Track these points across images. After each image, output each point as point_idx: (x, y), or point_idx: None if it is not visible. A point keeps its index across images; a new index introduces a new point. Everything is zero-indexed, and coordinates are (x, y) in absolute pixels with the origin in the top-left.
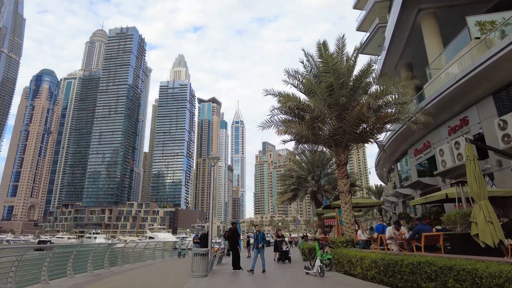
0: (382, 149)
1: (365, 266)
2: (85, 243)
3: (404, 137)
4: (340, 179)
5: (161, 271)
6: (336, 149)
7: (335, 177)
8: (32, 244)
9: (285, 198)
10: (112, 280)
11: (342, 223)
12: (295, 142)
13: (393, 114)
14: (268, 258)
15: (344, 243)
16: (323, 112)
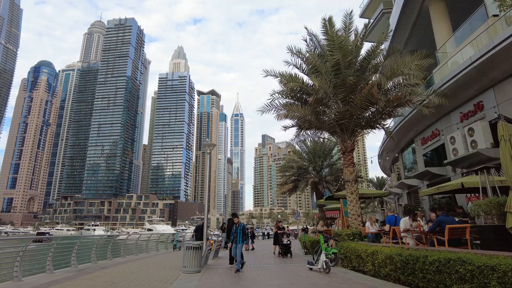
0: (390, 135)
1: (378, 262)
2: (84, 235)
3: (411, 125)
4: (345, 167)
5: (152, 265)
6: (342, 135)
7: (337, 167)
8: (31, 236)
9: (285, 190)
10: (94, 276)
11: (347, 214)
12: (296, 129)
13: (405, 96)
14: (268, 251)
15: (351, 236)
16: (328, 93)
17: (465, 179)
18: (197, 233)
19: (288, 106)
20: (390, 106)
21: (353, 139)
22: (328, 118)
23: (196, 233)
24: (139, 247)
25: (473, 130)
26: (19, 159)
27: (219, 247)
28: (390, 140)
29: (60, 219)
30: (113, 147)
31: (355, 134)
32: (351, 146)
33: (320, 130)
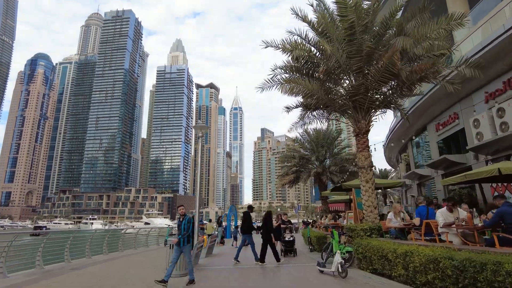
0: (405, 116)
1: (414, 266)
2: (82, 228)
3: (425, 109)
4: (359, 151)
5: (133, 265)
6: (355, 114)
7: (341, 157)
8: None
9: (286, 181)
10: (55, 282)
11: (361, 206)
12: (301, 110)
13: (431, 66)
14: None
15: (368, 231)
16: (340, 63)
17: (501, 165)
18: None
19: (293, 80)
20: (413, 79)
21: (368, 119)
22: (340, 94)
23: None
24: (126, 243)
25: (503, 111)
26: (17, 152)
27: (213, 243)
28: (399, 127)
29: (58, 213)
30: (111, 140)
31: (370, 113)
32: (366, 127)
33: (329, 109)
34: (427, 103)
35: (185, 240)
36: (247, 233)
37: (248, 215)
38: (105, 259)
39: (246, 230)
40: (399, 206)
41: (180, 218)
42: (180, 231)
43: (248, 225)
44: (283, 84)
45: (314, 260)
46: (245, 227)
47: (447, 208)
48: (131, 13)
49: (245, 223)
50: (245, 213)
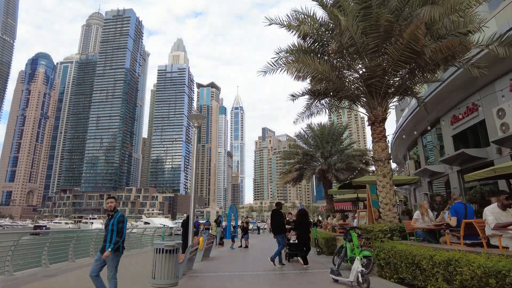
0: (422, 104)
1: (462, 279)
2: (82, 228)
3: (439, 100)
4: (375, 142)
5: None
6: (370, 100)
7: (348, 153)
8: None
9: (288, 179)
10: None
11: (376, 204)
12: (308, 98)
13: (460, 43)
14: (269, 250)
15: (388, 233)
16: (355, 40)
17: None
18: (184, 227)
19: (301, 59)
20: (438, 59)
21: (385, 105)
22: (353, 77)
23: (183, 227)
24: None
25: None
26: (18, 152)
27: (210, 245)
28: (410, 121)
29: (59, 212)
30: (112, 140)
31: (386, 99)
32: (383, 115)
33: (340, 96)
34: (443, 92)
35: (113, 247)
36: (280, 233)
37: (279, 214)
38: (78, 266)
39: (279, 230)
40: (425, 204)
41: (109, 215)
42: (106, 234)
43: (281, 224)
44: (290, 64)
45: (324, 265)
46: (277, 226)
47: (500, 204)
48: (132, 12)
49: (277, 223)
50: (275, 211)
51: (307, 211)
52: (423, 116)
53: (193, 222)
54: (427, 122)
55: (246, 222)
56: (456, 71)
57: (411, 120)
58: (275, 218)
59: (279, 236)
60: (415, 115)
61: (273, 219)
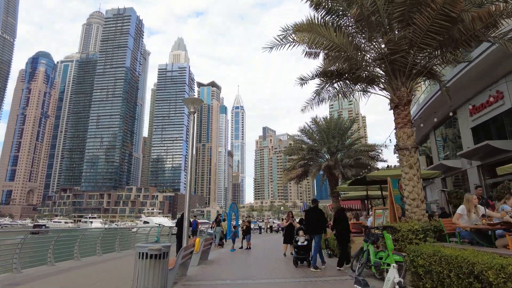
0: (444, 87)
1: None
2: (81, 227)
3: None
4: (400, 127)
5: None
6: (393, 80)
7: (356, 149)
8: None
9: (292, 176)
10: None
11: (399, 200)
12: (319, 82)
13: (504, 10)
14: (273, 252)
15: (420, 234)
16: (378, 6)
17: None
18: (179, 226)
19: (314, 28)
20: (476, 28)
21: (410, 85)
22: (374, 52)
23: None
24: (107, 245)
25: None
26: (18, 151)
27: (208, 246)
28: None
29: (59, 212)
30: (112, 139)
31: (411, 78)
32: (408, 96)
33: (356, 76)
34: (464, 79)
35: None
36: (318, 233)
37: (317, 211)
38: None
39: (317, 229)
40: (474, 198)
41: None
42: None
43: (321, 223)
44: (301, 33)
45: (340, 271)
46: (317, 225)
47: None
48: (132, 11)
49: (316, 221)
50: (313, 208)
51: (344, 210)
52: (436, 108)
53: (188, 221)
54: (439, 115)
55: (248, 221)
56: (488, 47)
57: (427, 109)
58: (312, 215)
59: (317, 236)
60: (428, 107)
61: (310, 216)
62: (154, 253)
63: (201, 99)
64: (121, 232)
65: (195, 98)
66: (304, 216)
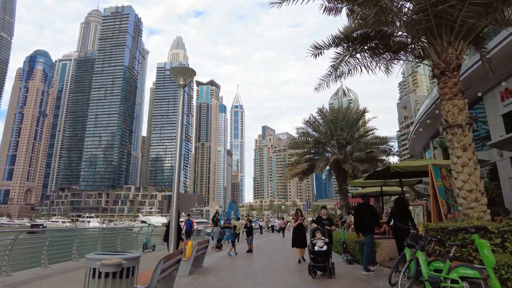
0: (485, 55)
1: None
2: (79, 227)
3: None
4: (447, 99)
5: None
6: (435, 39)
7: (366, 141)
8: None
9: (298, 171)
10: None
11: (443, 193)
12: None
13: None
14: (280, 256)
15: (497, 237)
16: None
17: None
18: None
19: None
20: None
21: (459, 46)
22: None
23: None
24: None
25: None
26: (16, 150)
27: (203, 251)
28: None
29: (57, 211)
30: (111, 138)
31: (460, 36)
32: (457, 59)
33: (384, 43)
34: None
35: None
36: (370, 233)
37: (368, 207)
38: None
39: (368, 229)
40: None
41: None
42: None
43: (372, 221)
44: None
45: (369, 284)
46: (368, 222)
47: None
48: (131, 9)
49: (367, 217)
50: (363, 204)
51: (405, 202)
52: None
53: (176, 224)
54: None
55: (249, 220)
56: None
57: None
58: (361, 212)
59: (368, 236)
60: None
61: (360, 214)
62: (109, 270)
63: (193, 70)
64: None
65: (185, 67)
66: (354, 213)
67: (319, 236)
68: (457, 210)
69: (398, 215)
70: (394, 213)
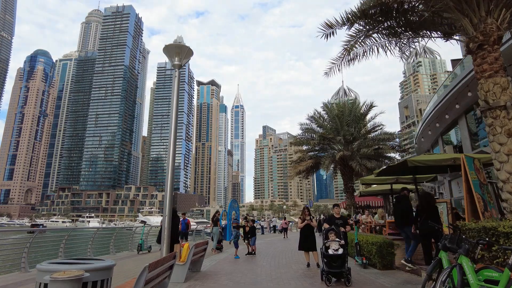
0: None
1: None
2: (79, 226)
3: None
4: (487, 77)
5: None
6: (473, 8)
7: (374, 137)
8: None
9: (302, 168)
10: None
11: (478, 188)
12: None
13: None
14: (288, 260)
15: None
16: None
17: None
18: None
19: None
20: None
21: (499, 15)
22: None
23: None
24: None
25: None
26: (16, 150)
27: (201, 253)
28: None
29: (57, 211)
30: (111, 138)
31: (503, 4)
32: (498, 30)
33: (407, 19)
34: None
35: None
36: (409, 224)
37: (407, 199)
38: None
39: (407, 221)
40: None
41: None
42: None
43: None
44: None
45: None
46: (404, 216)
47: None
48: (131, 9)
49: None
50: (403, 197)
51: (432, 196)
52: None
53: (169, 223)
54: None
55: (252, 220)
56: None
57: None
58: (399, 205)
59: (408, 228)
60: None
61: (400, 206)
62: (64, 287)
63: (190, 49)
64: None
65: (181, 45)
66: (394, 206)
67: (333, 238)
68: (493, 207)
69: (424, 213)
70: (421, 210)
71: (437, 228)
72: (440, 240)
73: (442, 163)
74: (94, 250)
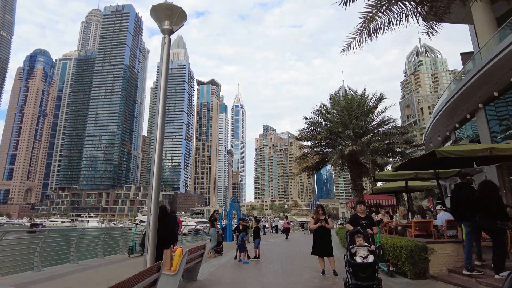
0: None
1: None
2: (78, 226)
3: None
4: None
5: None
6: None
7: (386, 131)
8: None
9: (308, 165)
10: None
11: None
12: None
13: None
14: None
15: None
16: None
17: None
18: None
19: None
20: None
21: None
22: None
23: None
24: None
25: None
26: (16, 149)
27: (198, 259)
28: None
29: (57, 211)
30: (111, 137)
31: None
32: None
33: None
34: None
35: None
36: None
37: (469, 187)
38: None
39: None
40: None
41: None
42: None
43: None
44: None
45: None
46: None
47: None
48: (131, 8)
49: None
50: (462, 184)
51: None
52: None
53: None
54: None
55: (257, 220)
56: None
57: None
58: (459, 193)
59: (467, 225)
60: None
61: (463, 193)
62: None
63: (182, 10)
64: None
65: (171, 4)
66: (452, 196)
67: (361, 242)
68: None
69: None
70: (482, 203)
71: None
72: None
73: (478, 154)
74: (78, 253)
